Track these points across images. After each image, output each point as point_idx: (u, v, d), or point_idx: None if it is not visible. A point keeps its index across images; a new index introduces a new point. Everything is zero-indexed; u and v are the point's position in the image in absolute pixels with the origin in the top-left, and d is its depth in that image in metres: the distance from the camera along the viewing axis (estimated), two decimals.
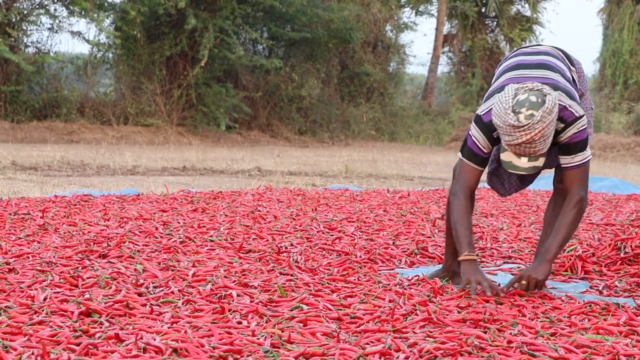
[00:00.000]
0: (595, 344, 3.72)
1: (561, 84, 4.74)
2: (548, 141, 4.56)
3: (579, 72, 5.04)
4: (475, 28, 34.35)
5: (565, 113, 4.66)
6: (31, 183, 11.10)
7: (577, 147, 4.74)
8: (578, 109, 4.69)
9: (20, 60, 22.24)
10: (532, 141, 4.51)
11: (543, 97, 4.54)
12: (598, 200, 10.06)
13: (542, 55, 4.92)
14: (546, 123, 4.49)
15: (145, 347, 3.42)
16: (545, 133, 4.51)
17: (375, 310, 4.25)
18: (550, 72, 4.79)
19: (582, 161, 4.77)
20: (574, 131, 4.70)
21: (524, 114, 4.49)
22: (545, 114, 4.49)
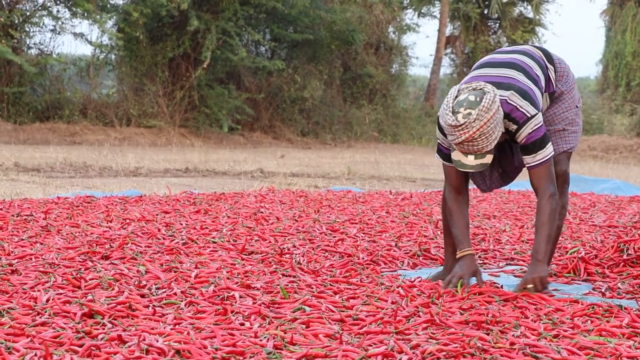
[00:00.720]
0: (598, 345, 3.72)
1: (519, 83, 4.80)
2: (491, 139, 4.64)
3: (561, 71, 5.07)
4: (478, 30, 34.35)
5: (517, 114, 4.74)
6: (34, 184, 11.11)
7: (536, 146, 4.78)
8: (529, 109, 4.75)
9: (22, 61, 22.25)
10: (472, 139, 4.62)
11: (482, 95, 4.63)
12: (601, 202, 10.05)
13: (514, 54, 4.99)
14: (484, 121, 4.60)
15: (148, 348, 3.42)
16: (484, 131, 4.61)
17: (378, 311, 4.25)
18: (512, 71, 4.86)
19: (544, 159, 4.80)
20: (529, 131, 4.76)
21: (462, 114, 4.61)
22: (481, 112, 4.59)
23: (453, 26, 35.14)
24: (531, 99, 4.79)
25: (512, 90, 4.77)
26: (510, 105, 4.75)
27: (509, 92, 4.76)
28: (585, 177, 13.54)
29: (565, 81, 5.09)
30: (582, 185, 12.61)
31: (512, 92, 4.77)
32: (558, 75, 5.07)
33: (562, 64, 5.09)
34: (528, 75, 4.88)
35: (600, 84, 36.99)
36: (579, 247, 5.98)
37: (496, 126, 4.65)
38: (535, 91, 4.84)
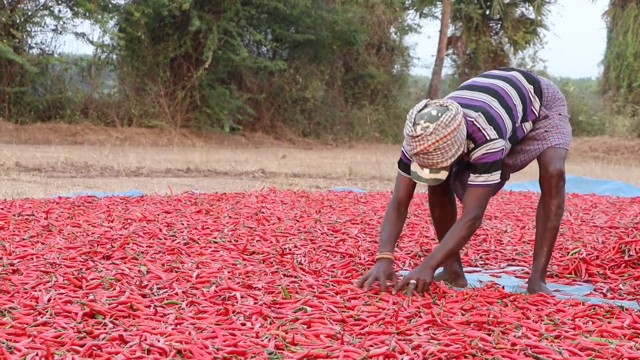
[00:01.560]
0: (599, 346, 3.72)
1: (489, 108, 4.88)
2: (447, 155, 4.72)
3: (549, 97, 5.13)
4: (480, 30, 34.34)
5: (478, 135, 4.83)
6: (35, 184, 11.11)
7: (482, 168, 4.84)
8: (491, 133, 4.82)
9: (24, 61, 22.26)
10: (427, 152, 4.71)
11: (444, 111, 4.71)
12: (602, 203, 10.05)
13: (496, 80, 5.06)
14: (440, 136, 4.68)
15: (149, 348, 3.42)
16: (439, 146, 4.69)
17: (379, 312, 4.25)
18: (487, 96, 4.94)
19: (483, 183, 4.85)
20: (482, 152, 4.83)
21: (420, 126, 4.71)
22: (439, 127, 4.68)
23: (455, 27, 35.13)
24: (497, 124, 4.86)
25: (479, 112, 4.85)
26: (474, 126, 4.83)
27: (477, 114, 4.84)
28: (586, 178, 13.54)
29: (553, 103, 5.17)
30: (584, 186, 12.60)
31: (479, 114, 4.85)
32: (546, 101, 5.14)
33: (550, 90, 5.17)
34: (503, 102, 4.95)
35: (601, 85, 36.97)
36: (580, 248, 5.98)
37: (453, 144, 4.72)
38: (505, 118, 4.91)
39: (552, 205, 5.06)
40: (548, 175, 5.06)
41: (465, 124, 4.80)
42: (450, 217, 5.23)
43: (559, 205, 5.07)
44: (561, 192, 5.08)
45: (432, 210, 5.29)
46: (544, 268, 5.10)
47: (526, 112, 5.05)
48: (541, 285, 5.04)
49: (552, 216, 5.06)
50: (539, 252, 5.11)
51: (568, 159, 25.56)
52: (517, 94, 5.02)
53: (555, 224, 5.09)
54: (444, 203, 5.24)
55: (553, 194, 5.06)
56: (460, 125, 4.73)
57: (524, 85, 5.07)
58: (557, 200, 5.06)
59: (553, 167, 5.06)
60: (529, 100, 5.06)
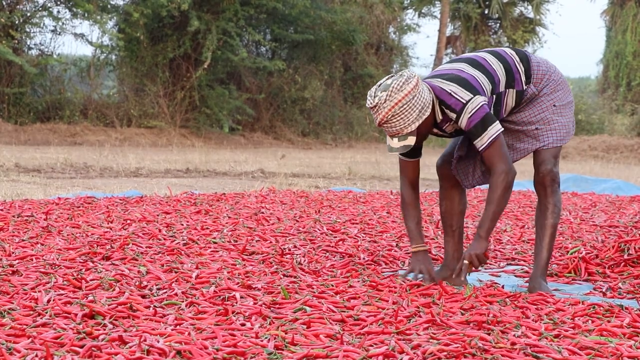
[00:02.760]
0: (599, 345, 3.72)
1: (460, 73, 4.93)
2: (408, 120, 4.79)
3: (540, 74, 5.10)
4: (478, 30, 34.36)
5: (452, 101, 4.86)
6: (34, 185, 11.11)
7: (479, 129, 4.86)
8: (464, 95, 4.84)
9: (23, 62, 22.26)
10: (386, 120, 4.80)
11: (397, 78, 4.80)
12: (601, 202, 10.05)
13: (480, 52, 5.11)
14: (394, 102, 4.76)
15: (149, 349, 3.42)
16: (396, 112, 4.77)
17: (379, 312, 4.25)
18: (462, 64, 4.99)
19: (491, 139, 4.86)
20: (468, 116, 4.85)
21: (378, 96, 4.79)
22: (392, 92, 4.76)
23: (453, 26, 35.15)
24: (469, 84, 4.88)
25: (447, 79, 4.91)
26: (445, 93, 4.88)
27: (445, 80, 4.90)
28: (586, 177, 13.54)
29: (545, 84, 5.12)
30: (583, 185, 12.61)
31: (447, 80, 4.90)
32: (535, 78, 5.10)
33: (542, 67, 5.12)
34: (479, 67, 4.98)
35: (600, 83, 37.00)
36: (579, 247, 5.98)
37: (412, 107, 4.78)
38: (481, 79, 4.93)
39: (548, 204, 5.06)
40: (540, 177, 5.07)
41: (430, 91, 4.86)
42: (458, 212, 5.22)
43: (554, 204, 5.06)
44: (555, 191, 5.07)
45: (440, 203, 5.30)
46: (545, 266, 5.10)
47: (513, 78, 5.03)
48: (541, 284, 5.04)
49: (548, 214, 5.06)
50: (538, 250, 5.11)
51: (567, 157, 25.58)
52: (500, 62, 5.03)
53: (552, 222, 5.07)
54: (452, 196, 5.25)
55: (547, 194, 5.05)
56: (417, 88, 4.79)
57: (510, 55, 5.09)
58: (553, 199, 5.05)
59: (544, 169, 5.05)
60: (515, 69, 5.05)
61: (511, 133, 5.12)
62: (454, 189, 5.26)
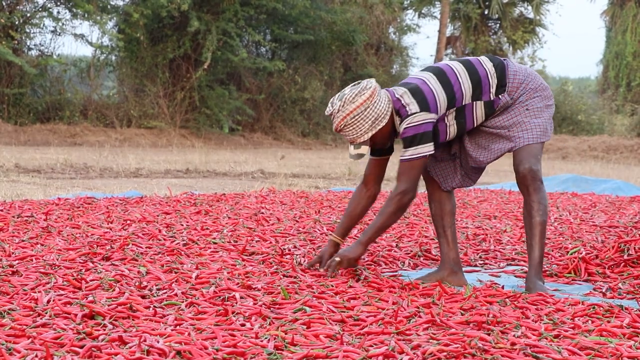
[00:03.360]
0: (599, 346, 3.72)
1: (423, 84, 5.02)
2: (360, 130, 4.94)
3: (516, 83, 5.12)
4: (478, 30, 34.36)
5: (402, 110, 5.00)
6: (34, 185, 11.11)
7: (407, 142, 5.00)
8: (413, 107, 4.96)
9: (23, 63, 22.26)
10: (341, 129, 4.98)
11: (353, 88, 4.96)
12: (601, 202, 10.05)
13: (453, 61, 5.19)
14: (347, 112, 4.93)
15: (149, 349, 3.42)
16: (349, 121, 4.94)
17: (379, 312, 4.25)
18: (427, 74, 5.09)
19: (410, 157, 4.99)
20: (404, 126, 4.99)
21: (334, 104, 4.98)
22: (345, 103, 4.93)
23: (453, 27, 35.16)
24: (423, 98, 4.98)
25: (407, 89, 5.02)
26: (399, 102, 5.01)
27: (403, 90, 5.02)
28: (586, 177, 13.54)
29: (521, 93, 5.15)
30: (583, 186, 12.60)
31: (405, 90, 5.02)
32: (510, 88, 5.13)
33: (519, 75, 5.15)
34: (443, 78, 5.05)
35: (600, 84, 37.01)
36: (579, 247, 5.98)
37: (365, 117, 4.93)
38: (438, 93, 5.00)
39: (533, 203, 5.05)
40: (520, 176, 5.07)
41: (387, 99, 4.98)
42: (448, 213, 5.26)
43: (539, 202, 5.05)
44: (538, 189, 5.05)
45: (430, 205, 5.36)
46: (538, 265, 5.08)
47: (481, 91, 5.07)
48: (536, 283, 5.03)
49: (534, 212, 5.05)
50: (530, 250, 5.10)
51: (567, 158, 25.57)
52: (468, 73, 5.08)
53: (540, 220, 5.05)
54: (441, 198, 5.31)
55: (530, 193, 5.05)
56: (371, 99, 4.92)
57: (485, 65, 5.12)
58: (536, 197, 5.05)
59: (522, 168, 5.06)
60: (485, 81, 5.09)
61: (486, 135, 5.18)
62: (441, 191, 5.30)
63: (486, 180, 14.59)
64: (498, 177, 16.33)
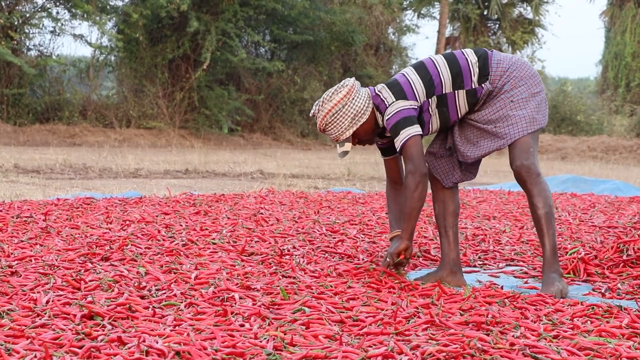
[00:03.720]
0: (598, 346, 3.72)
1: (401, 77, 5.14)
2: (341, 128, 5.08)
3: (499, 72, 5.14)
4: (478, 31, 34.37)
5: (382, 105, 5.13)
6: (33, 186, 11.11)
7: (393, 131, 5.08)
8: (389, 98, 5.10)
9: (22, 63, 22.26)
10: (324, 129, 5.12)
11: (331, 89, 5.09)
12: (600, 203, 10.06)
13: (437, 55, 5.28)
14: (325, 111, 5.08)
15: (148, 350, 3.42)
16: (329, 120, 5.09)
17: (378, 312, 4.25)
18: (409, 69, 5.19)
19: (402, 142, 5.05)
20: (386, 118, 5.10)
21: (315, 105, 5.11)
22: (323, 103, 5.09)
23: (453, 27, 35.16)
24: (399, 89, 5.09)
25: (384, 84, 5.16)
26: (378, 97, 5.14)
27: (381, 86, 5.16)
28: (585, 177, 13.54)
29: (505, 81, 5.15)
30: (582, 186, 12.61)
31: (383, 85, 5.16)
32: (493, 76, 5.15)
33: (503, 64, 5.17)
34: (421, 70, 5.14)
35: (599, 84, 37.01)
36: (578, 247, 5.98)
37: (344, 115, 5.06)
38: (416, 85, 5.10)
39: (533, 197, 5.06)
40: (516, 173, 5.12)
41: (366, 95, 5.10)
42: (451, 213, 5.28)
43: (538, 194, 5.05)
44: (536, 182, 5.05)
45: (433, 205, 5.39)
46: (552, 257, 5.07)
47: (462, 80, 5.12)
48: (549, 276, 5.02)
49: (537, 205, 5.06)
50: (542, 243, 5.12)
51: (566, 158, 25.58)
52: (447, 63, 5.14)
53: (545, 211, 5.06)
54: (445, 198, 5.33)
55: (528, 187, 5.07)
56: (348, 96, 5.04)
57: (467, 56, 5.17)
58: (536, 189, 5.06)
59: (516, 165, 5.08)
60: (466, 71, 5.13)
61: (475, 130, 5.20)
62: (445, 190, 5.32)
63: (485, 181, 14.59)
64: (497, 178, 16.34)
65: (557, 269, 5.06)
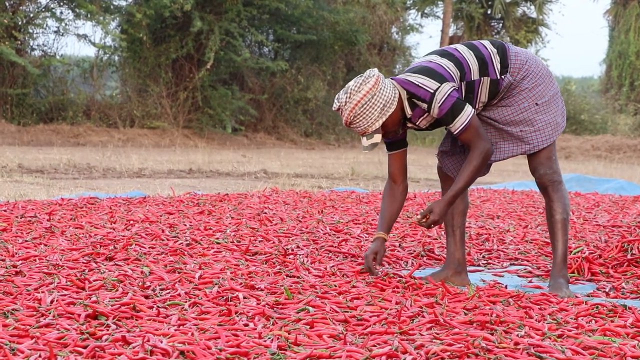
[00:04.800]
0: (603, 345, 3.72)
1: (427, 63, 5.00)
2: (370, 119, 4.90)
3: (518, 65, 5.10)
4: (481, 30, 34.34)
5: (421, 92, 4.94)
6: (38, 186, 11.12)
7: (450, 115, 4.93)
8: (430, 84, 4.92)
9: (26, 63, 22.27)
10: (351, 121, 4.92)
11: (357, 79, 4.92)
12: (605, 202, 10.05)
13: (456, 44, 5.18)
14: (354, 103, 4.87)
15: (152, 349, 3.42)
16: (358, 112, 4.89)
17: (382, 312, 4.25)
18: (433, 56, 5.07)
19: (464, 124, 4.94)
20: (438, 105, 4.93)
21: (339, 98, 4.93)
22: (351, 94, 4.88)
23: (456, 26, 35.14)
24: (436, 74, 4.94)
25: (416, 72, 4.98)
26: (412, 84, 4.95)
27: (413, 74, 4.97)
28: (589, 176, 13.54)
29: (524, 75, 5.11)
30: (586, 185, 12.60)
31: (413, 72, 4.98)
32: (512, 68, 5.10)
33: (521, 56, 5.13)
34: (448, 55, 5.04)
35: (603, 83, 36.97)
36: (582, 246, 5.98)
37: (372, 106, 4.88)
38: (449, 67, 4.99)
39: (553, 203, 5.09)
40: (538, 181, 5.13)
41: (398, 87, 4.95)
42: (459, 212, 5.24)
43: (558, 200, 5.08)
44: (557, 189, 5.08)
45: None
46: (562, 262, 5.10)
47: (487, 68, 5.06)
48: (558, 281, 5.04)
49: (554, 211, 5.09)
50: (554, 248, 5.14)
51: (570, 157, 25.56)
52: (471, 51, 5.06)
53: (561, 218, 5.08)
54: None
55: (549, 193, 5.10)
56: (376, 86, 4.87)
57: (485, 46, 5.11)
58: (556, 195, 5.08)
59: (539, 173, 5.10)
60: (489, 59, 5.07)
61: (493, 130, 5.13)
62: None
63: (489, 180, 14.58)
64: (501, 177, 16.33)
65: (564, 275, 5.09)
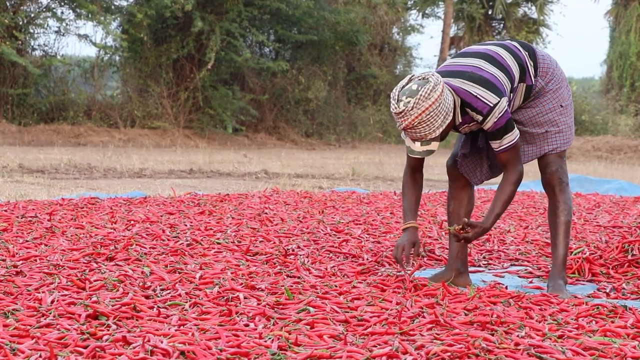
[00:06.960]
0: (603, 346, 3.72)
1: (482, 72, 4.91)
2: (433, 127, 4.78)
3: (545, 68, 5.10)
4: (482, 30, 34.34)
5: (478, 104, 4.87)
6: (38, 186, 11.12)
7: (502, 132, 4.90)
8: (491, 98, 4.85)
9: (27, 63, 22.28)
10: (412, 127, 4.79)
11: (423, 84, 4.77)
12: (605, 203, 10.05)
13: (490, 46, 5.10)
14: (421, 109, 4.75)
15: (153, 349, 3.42)
16: (423, 119, 4.77)
17: (383, 312, 4.25)
18: (480, 61, 4.98)
19: (510, 143, 4.92)
20: (494, 120, 4.87)
21: (403, 102, 4.77)
22: (419, 100, 4.74)
23: (457, 27, 35.14)
24: (493, 86, 4.88)
25: (472, 81, 4.89)
26: (471, 96, 4.87)
27: (470, 83, 4.89)
28: (589, 177, 13.54)
29: (550, 78, 5.12)
30: (587, 186, 12.60)
31: (470, 81, 4.90)
32: (541, 71, 5.11)
33: (547, 60, 5.13)
34: (497, 63, 4.97)
35: (604, 84, 36.97)
36: (583, 247, 5.98)
37: (437, 114, 4.78)
38: (502, 78, 4.93)
39: (558, 203, 5.10)
40: (547, 178, 5.13)
41: (453, 94, 4.87)
42: (465, 213, 5.23)
43: (564, 202, 5.10)
44: (564, 190, 5.10)
45: (449, 202, 5.29)
46: (562, 264, 5.10)
47: (525, 74, 5.04)
48: (557, 282, 5.04)
49: (559, 212, 5.10)
50: (554, 249, 5.13)
51: (571, 158, 25.57)
52: (513, 57, 5.03)
53: (565, 220, 5.10)
54: (461, 196, 5.26)
55: (556, 193, 5.11)
56: (442, 95, 4.78)
57: (519, 50, 5.08)
58: (562, 197, 5.10)
59: (550, 170, 5.10)
60: (526, 64, 5.06)
61: (521, 134, 5.12)
62: (463, 189, 5.26)
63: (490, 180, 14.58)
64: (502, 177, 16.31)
65: (563, 277, 5.10)
